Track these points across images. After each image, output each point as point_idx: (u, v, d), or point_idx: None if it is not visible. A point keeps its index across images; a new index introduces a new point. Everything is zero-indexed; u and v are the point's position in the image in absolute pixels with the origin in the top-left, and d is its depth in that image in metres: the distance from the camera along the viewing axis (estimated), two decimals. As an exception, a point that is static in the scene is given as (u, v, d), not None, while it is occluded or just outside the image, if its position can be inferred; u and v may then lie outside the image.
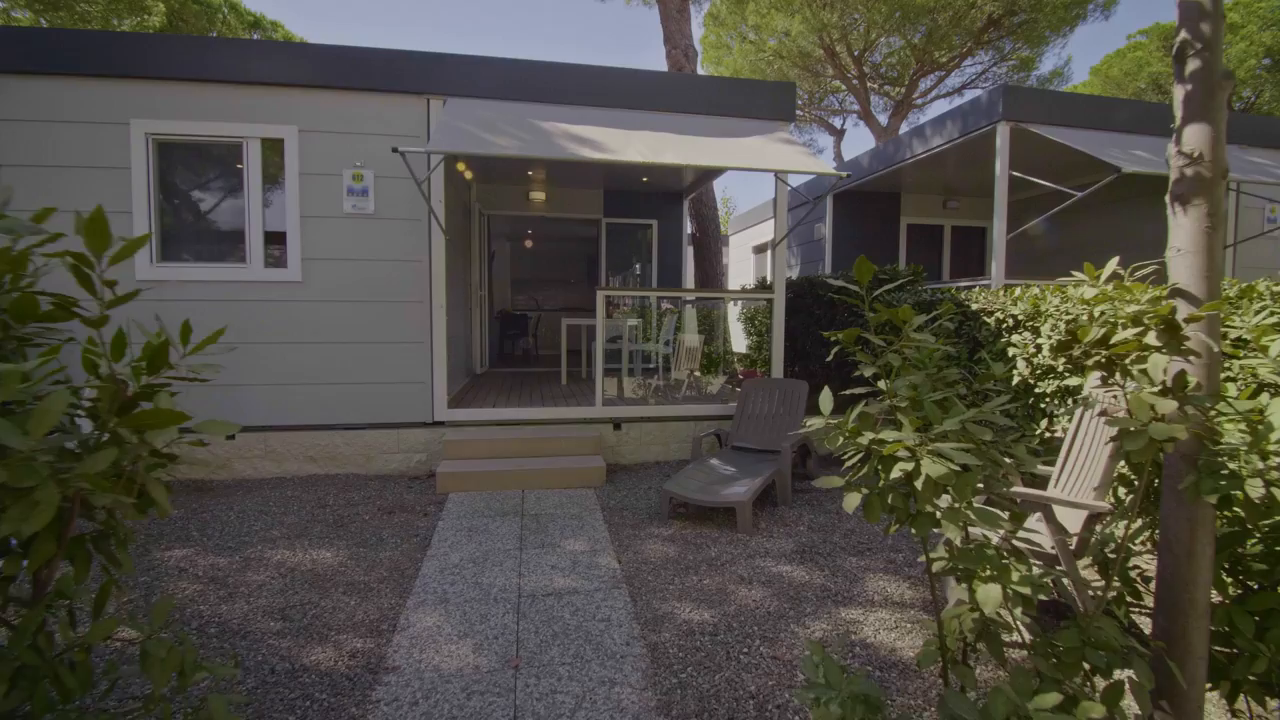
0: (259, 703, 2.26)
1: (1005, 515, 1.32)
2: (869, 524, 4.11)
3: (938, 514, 1.20)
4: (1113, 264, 1.61)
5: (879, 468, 1.26)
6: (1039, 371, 4.08)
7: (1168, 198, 1.61)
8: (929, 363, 1.44)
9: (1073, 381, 3.74)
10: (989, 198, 6.53)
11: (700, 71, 14.12)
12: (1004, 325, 4.40)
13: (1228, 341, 2.67)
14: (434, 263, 5.32)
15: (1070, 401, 3.87)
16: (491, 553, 3.63)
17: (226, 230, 5.28)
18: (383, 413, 5.31)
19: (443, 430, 5.34)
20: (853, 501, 1.31)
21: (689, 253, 10.71)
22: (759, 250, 13.36)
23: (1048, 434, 4.06)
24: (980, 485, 1.28)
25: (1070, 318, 3.73)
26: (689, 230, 10.24)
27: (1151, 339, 1.31)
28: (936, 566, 1.42)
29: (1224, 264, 1.49)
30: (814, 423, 1.35)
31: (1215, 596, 1.60)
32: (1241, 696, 1.57)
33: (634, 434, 5.70)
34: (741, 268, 14.24)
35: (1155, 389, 1.30)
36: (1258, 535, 1.58)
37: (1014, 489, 2.68)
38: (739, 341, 11.66)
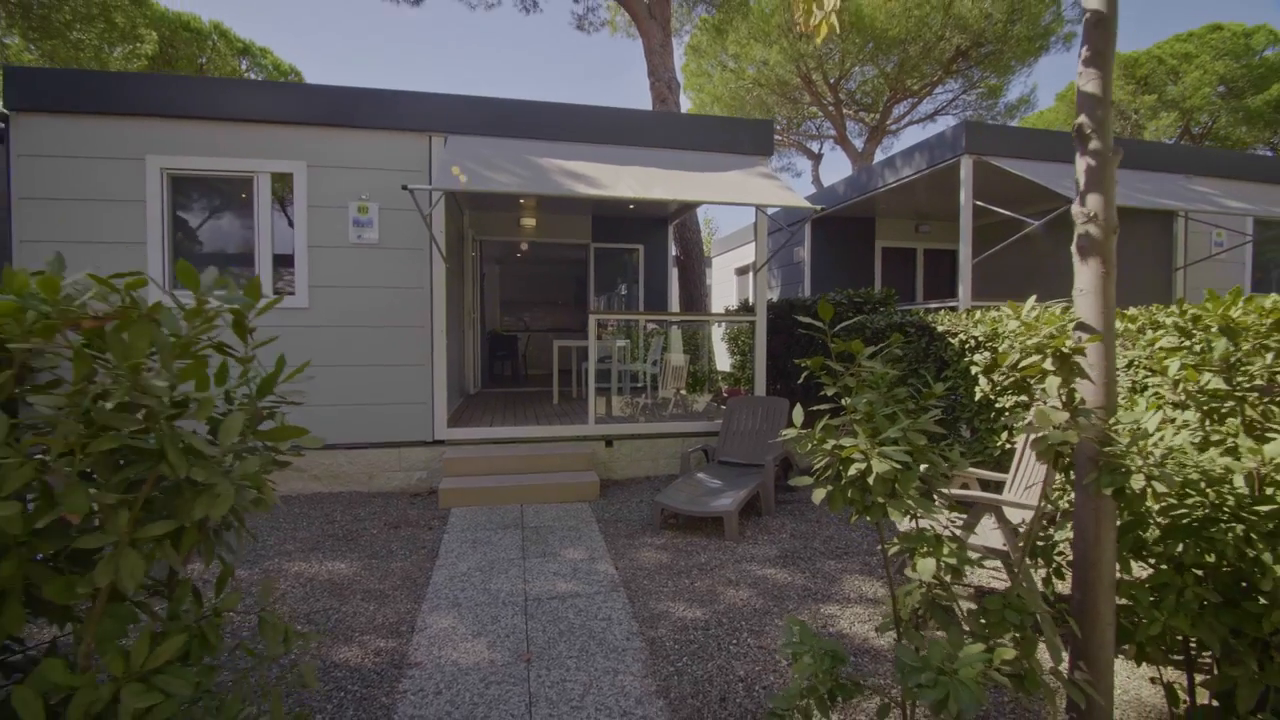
0: (298, 694, 2.50)
1: (942, 505, 1.65)
2: (846, 530, 4.43)
3: (886, 503, 1.51)
4: (1031, 301, 1.96)
5: (840, 468, 1.58)
6: (998, 388, 4.45)
7: (1073, 248, 1.97)
8: (882, 384, 1.77)
9: (1027, 398, 4.12)
10: (958, 222, 6.98)
11: (682, 99, 14.66)
12: (967, 346, 4.78)
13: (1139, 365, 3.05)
14: (435, 289, 5.61)
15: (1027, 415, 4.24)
16: (497, 562, 3.89)
17: (237, 258, 5.53)
18: (385, 432, 5.55)
19: (443, 449, 5.59)
20: (819, 495, 1.63)
21: (674, 274, 11.09)
22: (741, 272, 13.80)
23: (1008, 445, 4.42)
24: (922, 482, 1.60)
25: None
26: (674, 253, 10.62)
27: (1049, 364, 1.64)
28: (892, 550, 1.74)
29: (1114, 301, 1.84)
30: (788, 433, 1.67)
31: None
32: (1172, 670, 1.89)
33: (625, 450, 5.99)
34: (724, 288, 14.67)
35: (1056, 404, 1.63)
36: (1155, 524, 1.91)
37: (969, 493, 3.02)
38: (723, 360, 12.03)
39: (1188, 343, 2.13)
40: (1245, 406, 1.88)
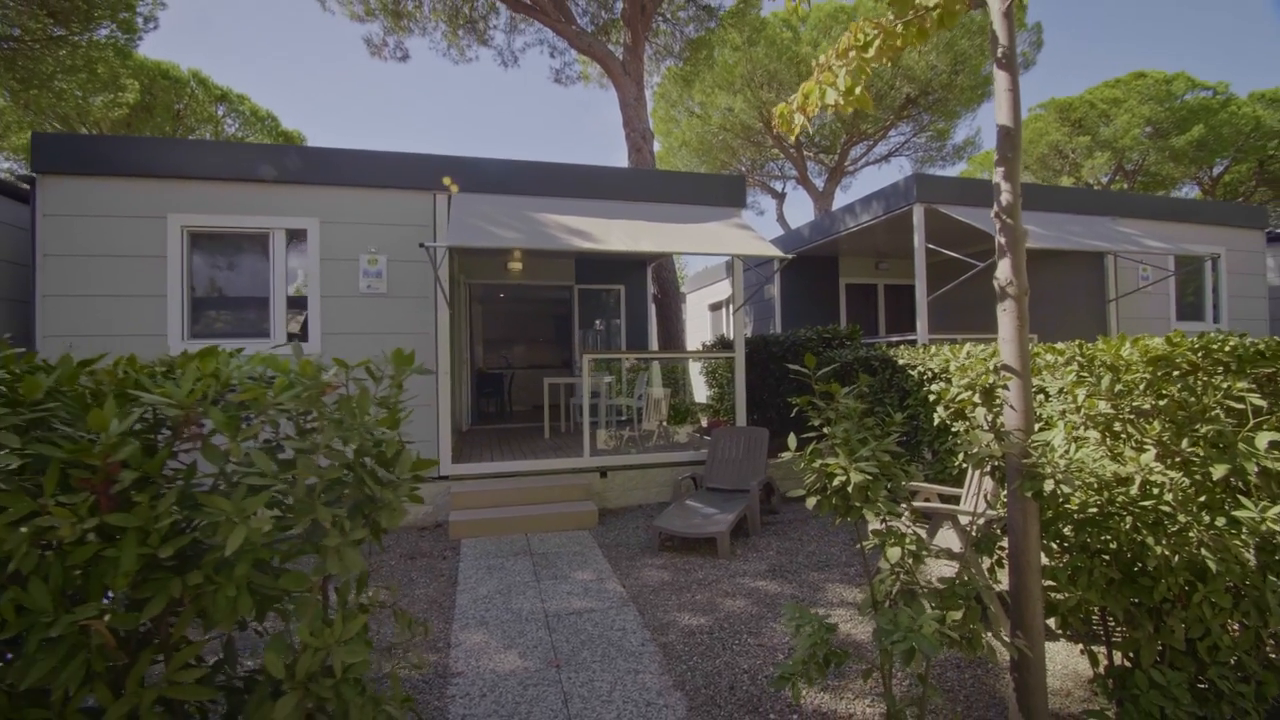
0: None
1: (904, 507, 2.13)
2: (827, 547, 4.91)
3: (862, 506, 1.99)
4: (967, 347, 2.50)
5: (826, 481, 2.06)
6: (953, 414, 5.03)
7: (998, 305, 2.53)
8: (854, 416, 2.27)
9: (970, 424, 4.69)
10: (914, 259, 7.68)
11: (654, 145, 15.48)
12: (925, 376, 5.37)
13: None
14: (439, 334, 6.02)
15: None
16: (514, 585, 4.24)
17: (253, 308, 5.87)
18: (393, 470, 5.86)
19: (449, 483, 5.92)
20: (811, 501, 2.10)
21: (652, 312, 11.66)
22: (714, 308, 14.46)
23: (963, 464, 4.98)
24: (888, 489, 2.09)
25: (971, 370, 4.72)
26: (653, 292, 11.20)
27: (976, 398, 2.16)
28: (868, 545, 2.21)
29: (1027, 344, 2.37)
30: (785, 455, 2.14)
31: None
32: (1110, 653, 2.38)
33: (618, 481, 6.40)
34: (698, 323, 15.30)
35: (983, 427, 2.14)
36: (1070, 521, 2.43)
37: (930, 505, 3.53)
38: (700, 393, 12.56)
39: (1090, 377, 2.68)
40: (1128, 426, 2.43)
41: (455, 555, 4.92)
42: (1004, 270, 2.46)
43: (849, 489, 2.00)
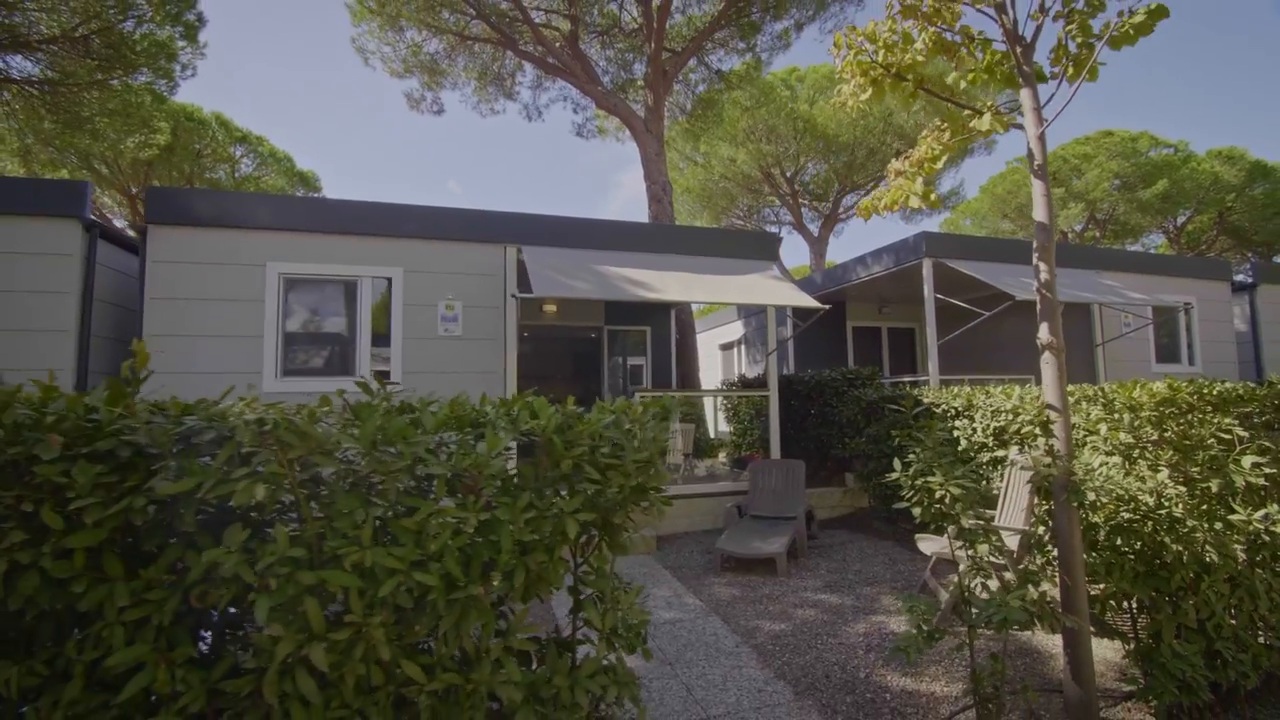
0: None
1: (978, 515, 2.78)
2: (871, 566, 5.50)
3: (957, 514, 2.63)
4: (1017, 390, 3.19)
5: (927, 495, 2.70)
6: (975, 446, 5.72)
7: (1041, 359, 3.23)
8: (934, 445, 2.93)
9: (1000, 453, 5.38)
10: (915, 304, 8.49)
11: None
12: (948, 413, 6.08)
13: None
14: (508, 372, 6.63)
15: (999, 466, 5.50)
16: (602, 598, 4.77)
17: (339, 348, 6.44)
18: (464, 498, 6.38)
19: (515, 511, 6.44)
20: (916, 511, 2.74)
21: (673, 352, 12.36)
22: (725, 348, 15.21)
23: (994, 489, 5.64)
24: (973, 502, 2.74)
25: (994, 409, 5.43)
26: (674, 334, 11.92)
27: (1038, 430, 2.83)
28: (957, 547, 2.85)
29: (1066, 388, 3.06)
30: (892, 475, 2.79)
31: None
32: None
33: (667, 510, 6.95)
34: (708, 362, 16.01)
35: (1041, 452, 2.81)
36: (1102, 529, 3.08)
37: (971, 521, 4.17)
38: (713, 428, 13.18)
39: (1112, 415, 3.38)
40: (1144, 452, 3.12)
41: (536, 574, 5.43)
42: (1044, 332, 3.17)
43: (946, 500, 2.64)
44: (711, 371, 15.62)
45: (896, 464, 2.82)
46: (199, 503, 1.61)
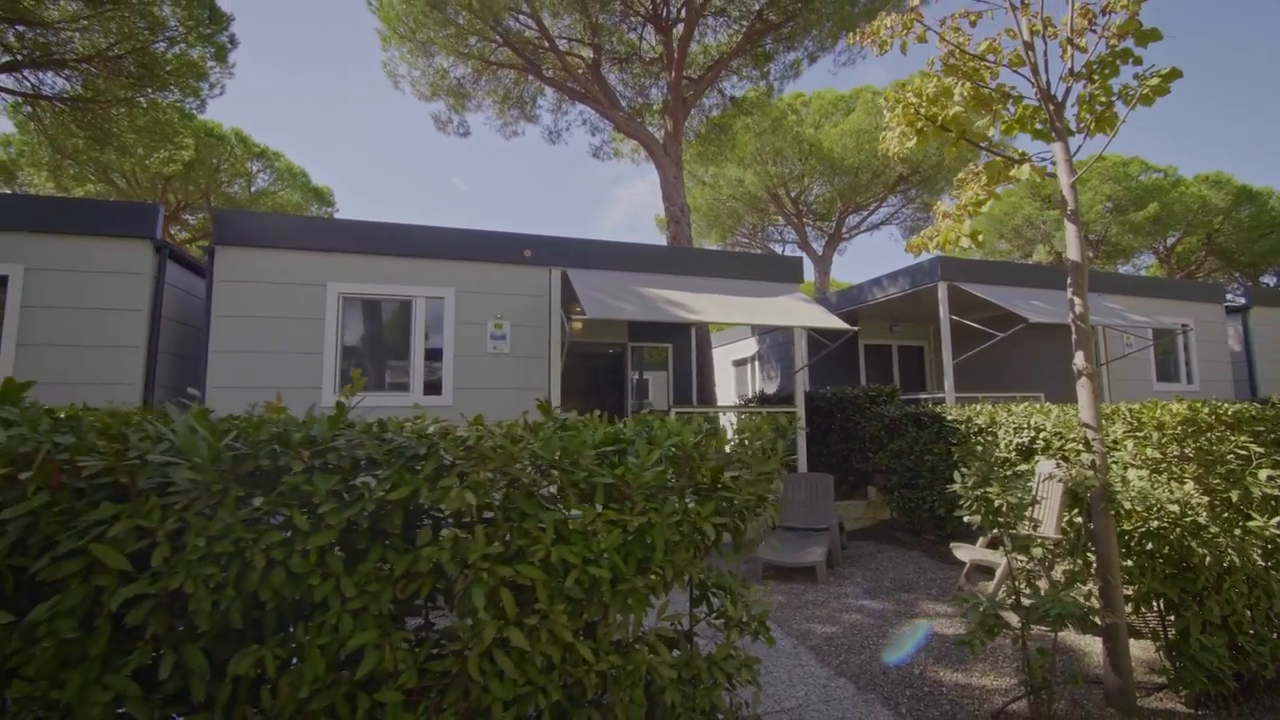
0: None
1: (1027, 519, 3.14)
2: (905, 574, 5.84)
3: (1015, 521, 2.99)
4: (1056, 410, 3.57)
5: (984, 504, 3.06)
6: (998, 462, 6.10)
7: (1077, 382, 3.61)
8: (990, 460, 3.30)
9: (1022, 467, 5.75)
10: (924, 323, 8.89)
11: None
12: (971, 430, 6.46)
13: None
14: (552, 388, 6.98)
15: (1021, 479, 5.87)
16: (657, 602, 5.09)
17: (395, 364, 6.78)
18: (511, 508, 6.70)
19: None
20: (974, 519, 3.09)
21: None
22: (738, 364, 15.60)
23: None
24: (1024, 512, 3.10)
25: (1017, 425, 5.81)
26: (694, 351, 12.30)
27: (1079, 446, 3.20)
28: (1012, 552, 3.21)
29: (1100, 409, 3.44)
30: (953, 487, 3.15)
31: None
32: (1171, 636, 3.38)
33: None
34: (721, 378, 16.39)
35: (1084, 465, 3.18)
36: (1135, 533, 3.45)
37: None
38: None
39: (1137, 434, 3.76)
40: (1171, 466, 3.50)
41: (587, 580, 5.74)
42: (1080, 360, 3.56)
43: (1003, 508, 3.01)
44: (724, 387, 15.99)
45: (957, 476, 3.19)
46: (401, 506, 1.96)
